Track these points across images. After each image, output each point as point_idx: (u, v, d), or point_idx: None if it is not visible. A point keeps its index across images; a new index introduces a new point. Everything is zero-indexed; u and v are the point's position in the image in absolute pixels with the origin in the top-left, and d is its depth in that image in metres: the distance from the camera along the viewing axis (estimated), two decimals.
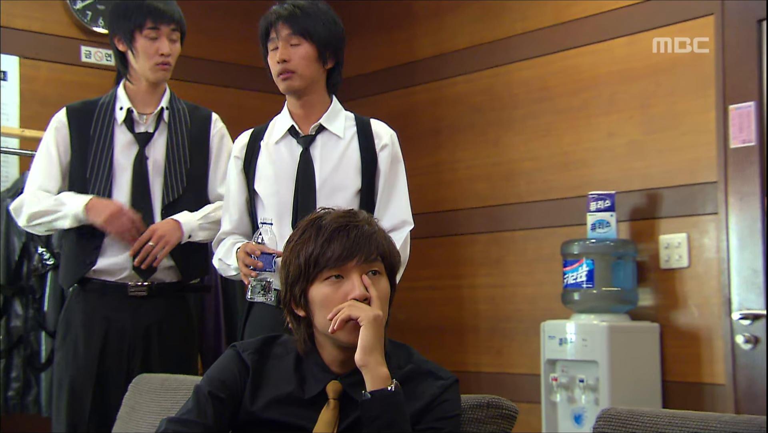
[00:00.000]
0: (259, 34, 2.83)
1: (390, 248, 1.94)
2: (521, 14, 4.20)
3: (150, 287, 2.96)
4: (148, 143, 3.01)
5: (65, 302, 3.23)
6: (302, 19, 2.76)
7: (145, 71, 2.99)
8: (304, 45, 2.75)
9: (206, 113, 3.15)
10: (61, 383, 2.95)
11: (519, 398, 3.66)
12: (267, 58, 2.81)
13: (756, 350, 3.40)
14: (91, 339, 2.92)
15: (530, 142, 4.16)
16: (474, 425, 1.93)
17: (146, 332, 2.95)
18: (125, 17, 2.98)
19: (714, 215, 3.56)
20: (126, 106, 3.01)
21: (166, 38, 2.97)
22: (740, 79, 3.51)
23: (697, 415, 1.68)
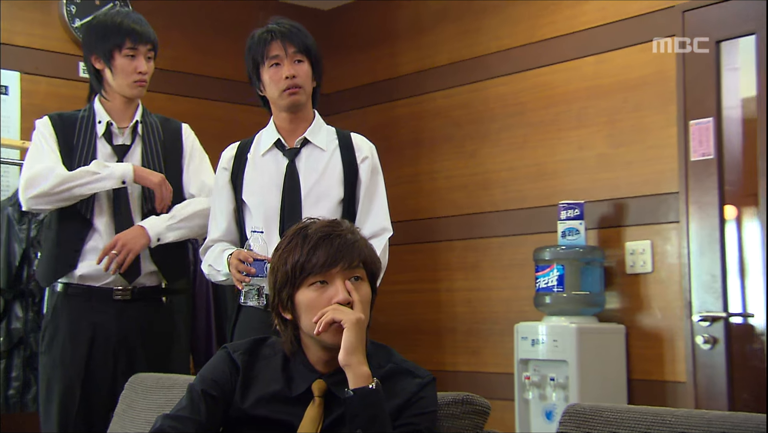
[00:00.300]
0: (253, 50, 2.80)
1: (371, 256, 1.94)
2: (497, 34, 4.21)
3: (133, 291, 2.94)
4: (126, 155, 2.99)
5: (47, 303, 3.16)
6: (304, 37, 2.78)
7: (123, 88, 2.97)
8: (306, 62, 2.76)
9: (177, 125, 3.14)
10: (50, 386, 2.92)
11: (493, 395, 3.65)
12: (262, 72, 2.78)
13: (714, 350, 3.42)
14: (79, 343, 2.89)
15: (505, 154, 4.16)
16: (450, 420, 1.93)
17: (131, 334, 2.92)
18: (104, 38, 2.96)
19: (676, 224, 3.58)
20: (105, 119, 2.98)
21: (143, 57, 2.96)
22: (700, 97, 3.53)
23: (653, 410, 1.69)
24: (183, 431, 1.86)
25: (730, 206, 3.55)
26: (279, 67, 2.74)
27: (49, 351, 2.95)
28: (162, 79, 4.42)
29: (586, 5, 3.90)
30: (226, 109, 4.53)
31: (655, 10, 3.67)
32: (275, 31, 2.76)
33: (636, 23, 3.73)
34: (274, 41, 2.74)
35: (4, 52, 4.01)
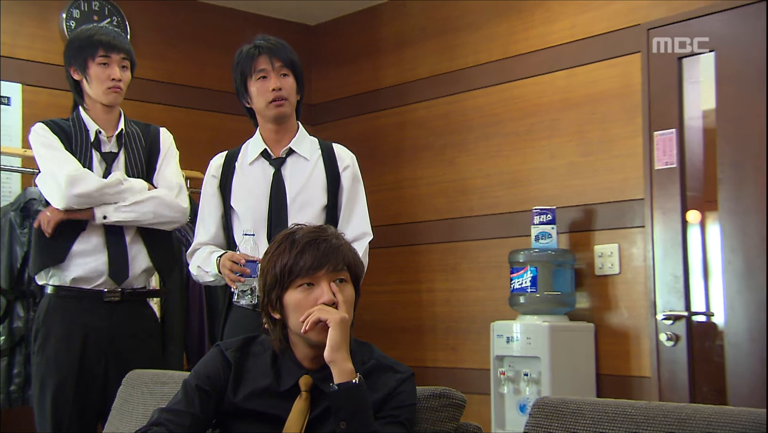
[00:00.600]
0: (241, 64, 2.80)
1: (355, 259, 1.95)
2: (474, 49, 4.22)
3: (123, 293, 2.93)
4: (114, 163, 2.98)
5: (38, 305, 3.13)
6: (289, 53, 2.79)
7: (98, 95, 2.95)
8: (291, 76, 2.77)
9: (156, 130, 3.12)
10: (44, 385, 2.89)
11: (471, 390, 3.71)
12: (249, 85, 2.78)
13: (677, 347, 3.45)
14: (71, 343, 2.87)
15: (482, 162, 4.17)
16: (428, 412, 1.94)
17: (121, 333, 2.91)
18: (79, 49, 2.96)
19: (641, 228, 3.59)
20: (94, 128, 2.97)
21: (116, 65, 2.94)
22: (663, 109, 3.55)
23: (614, 402, 1.71)
24: (178, 423, 1.86)
25: (691, 212, 3.57)
26: (266, 80, 2.74)
27: (42, 351, 2.92)
28: (157, 91, 4.46)
29: (557, 23, 3.92)
30: (217, 119, 4.51)
31: (621, 28, 3.70)
32: (262, 46, 2.77)
33: (603, 40, 3.75)
34: (262, 56, 2.75)
35: (6, 64, 4.01)
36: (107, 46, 2.94)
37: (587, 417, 1.70)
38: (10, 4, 4.05)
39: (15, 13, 4.07)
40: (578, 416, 1.71)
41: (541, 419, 1.77)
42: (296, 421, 1.86)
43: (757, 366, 3.26)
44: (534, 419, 1.79)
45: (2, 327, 3.65)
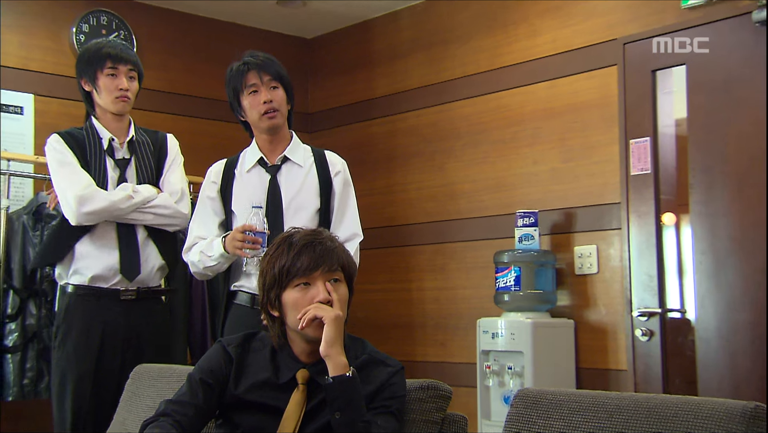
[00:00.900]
0: (232, 80, 2.80)
1: (348, 260, 1.97)
2: (461, 61, 4.23)
3: (138, 292, 2.95)
4: (126, 168, 3.00)
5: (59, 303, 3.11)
6: (277, 67, 2.80)
7: (108, 104, 2.97)
8: (280, 89, 2.78)
9: (163, 136, 3.13)
10: (64, 378, 2.91)
11: (458, 383, 3.68)
12: (241, 99, 2.79)
13: (651, 342, 3.46)
14: (90, 339, 2.90)
15: (469, 168, 4.17)
16: (417, 403, 1.96)
17: (136, 329, 2.94)
18: (89, 62, 2.98)
19: (618, 230, 3.60)
20: (107, 137, 2.99)
21: (124, 76, 2.96)
22: (638, 118, 3.56)
23: (589, 393, 1.74)
24: (184, 413, 1.88)
25: (667, 214, 3.58)
26: (257, 94, 2.75)
27: (62, 347, 2.94)
28: (161, 100, 4.46)
29: (539, 37, 3.93)
30: (218, 126, 4.48)
31: (599, 42, 3.71)
32: (251, 62, 2.77)
33: (583, 54, 3.76)
34: (251, 71, 2.76)
35: (20, 76, 4.01)
36: (115, 58, 2.96)
37: (564, 407, 1.72)
38: (23, 19, 4.06)
39: (28, 27, 4.08)
40: (556, 406, 1.74)
41: (522, 409, 1.80)
42: (294, 411, 1.87)
43: (725, 360, 3.28)
44: (515, 409, 1.82)
45: (15, 324, 3.65)
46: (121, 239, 2.94)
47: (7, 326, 3.65)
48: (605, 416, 1.65)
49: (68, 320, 2.95)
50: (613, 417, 1.64)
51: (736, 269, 3.28)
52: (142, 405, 2.45)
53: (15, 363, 3.63)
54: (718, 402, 1.54)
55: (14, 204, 3.81)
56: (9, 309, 3.66)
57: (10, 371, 3.63)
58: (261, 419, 1.91)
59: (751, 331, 3.22)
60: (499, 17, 4.09)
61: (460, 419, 2.00)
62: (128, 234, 2.95)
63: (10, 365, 3.63)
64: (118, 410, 2.58)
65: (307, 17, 4.68)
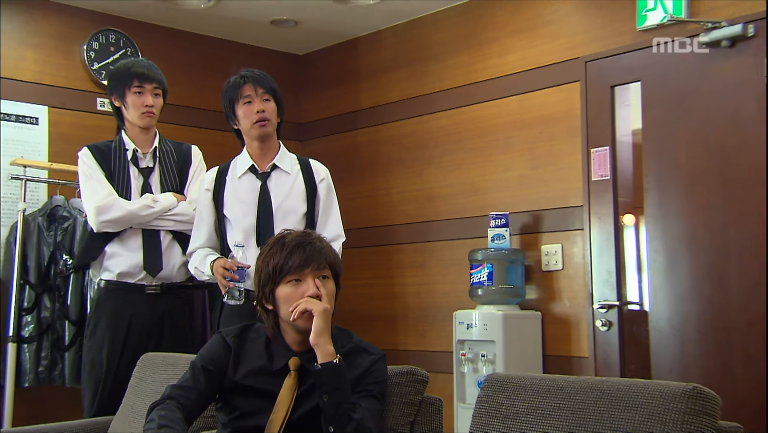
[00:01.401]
0: (229, 92, 2.82)
1: (335, 259, 2.00)
2: (439, 77, 4.24)
3: (161, 287, 2.97)
4: (150, 176, 3.04)
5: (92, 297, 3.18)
6: (270, 81, 2.82)
7: (135, 119, 3.00)
8: (272, 101, 2.81)
9: (187, 147, 3.16)
10: (93, 363, 2.94)
11: (436, 369, 3.77)
12: (236, 109, 2.80)
13: (610, 331, 3.48)
14: (119, 329, 2.93)
15: (446, 174, 4.17)
16: (397, 387, 2.01)
17: (159, 320, 2.97)
18: (118, 80, 3.01)
19: (580, 231, 3.61)
20: (132, 148, 3.02)
21: (149, 93, 3.00)
22: (599, 130, 3.58)
23: (551, 377, 1.78)
24: (187, 397, 1.91)
25: (625, 216, 3.60)
26: (251, 105, 2.78)
27: (93, 336, 2.97)
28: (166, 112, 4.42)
29: (510, 55, 3.94)
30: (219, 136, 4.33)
31: (564, 61, 3.72)
32: (247, 76, 2.80)
33: (549, 70, 3.78)
34: (246, 84, 2.79)
35: (35, 90, 4.01)
36: (141, 77, 2.99)
37: (527, 389, 1.77)
38: (38, 38, 4.06)
39: (42, 45, 4.07)
40: (520, 388, 1.78)
41: (491, 392, 1.84)
42: (287, 395, 1.90)
43: (675, 347, 3.30)
44: (485, 391, 1.86)
45: (31, 317, 3.67)
46: (145, 240, 2.97)
47: (24, 318, 3.66)
48: (564, 397, 1.69)
49: (99, 311, 2.98)
50: (571, 398, 1.68)
51: (686, 265, 3.30)
52: (148, 390, 2.49)
53: (31, 352, 3.65)
54: (661, 384, 1.58)
55: (30, 207, 3.82)
56: (25, 303, 3.67)
57: (26, 360, 3.64)
58: (257, 402, 1.93)
59: (699, 321, 3.25)
60: (473, 37, 4.11)
61: (436, 402, 2.04)
62: (152, 236, 2.97)
63: (27, 354, 3.65)
64: (127, 394, 2.61)
65: (298, 36, 4.68)
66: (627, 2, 3.51)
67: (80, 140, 3.90)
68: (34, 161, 3.87)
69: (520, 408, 1.73)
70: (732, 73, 3.21)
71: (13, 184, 3.84)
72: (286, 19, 4.41)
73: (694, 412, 1.49)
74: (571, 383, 1.72)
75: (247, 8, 4.25)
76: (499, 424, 1.73)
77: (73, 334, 3.68)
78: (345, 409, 1.85)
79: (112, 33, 4.27)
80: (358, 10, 4.25)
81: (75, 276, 3.70)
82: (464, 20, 4.15)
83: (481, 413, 1.79)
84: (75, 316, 3.67)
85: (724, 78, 3.23)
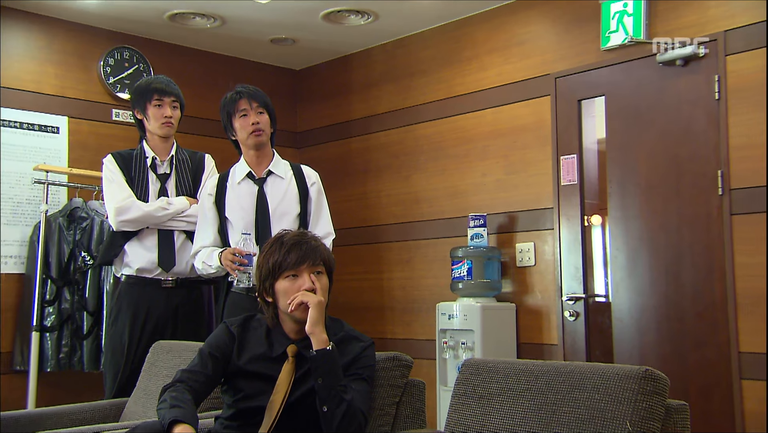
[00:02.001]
0: (227, 106, 2.83)
1: (329, 257, 2.01)
2: (424, 91, 4.25)
3: (176, 281, 2.98)
4: (166, 181, 3.04)
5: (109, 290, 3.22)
6: (263, 96, 2.84)
7: (155, 129, 3.02)
8: (265, 114, 2.82)
9: (201, 155, 3.16)
10: (114, 350, 2.96)
11: (421, 356, 3.79)
12: (233, 121, 2.81)
13: (577, 321, 3.51)
14: (137, 319, 2.94)
15: (430, 179, 4.17)
16: (385, 371, 2.03)
17: (174, 311, 2.98)
18: (140, 95, 3.03)
19: (551, 230, 3.63)
20: (151, 155, 3.04)
21: (168, 106, 3.02)
22: (567, 139, 3.60)
23: (521, 361, 1.82)
24: (196, 380, 1.93)
25: (594, 216, 3.64)
26: (246, 117, 2.79)
27: (114, 325, 2.98)
28: None
29: (487, 72, 3.95)
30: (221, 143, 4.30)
31: (536, 77, 3.74)
32: (243, 91, 2.82)
33: (523, 85, 3.80)
34: (242, 99, 2.80)
35: (56, 101, 4.01)
36: (161, 92, 3.01)
37: (500, 372, 1.80)
38: (59, 55, 4.06)
39: (63, 62, 4.08)
40: (494, 372, 1.81)
41: (467, 375, 1.87)
42: (285, 379, 1.92)
43: (635, 335, 3.32)
44: (462, 375, 1.89)
45: (53, 308, 3.68)
46: (160, 239, 2.98)
47: (46, 309, 3.67)
48: (532, 379, 1.72)
49: (119, 303, 3.00)
50: (539, 380, 1.71)
51: (644, 262, 3.32)
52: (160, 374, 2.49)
53: (53, 340, 3.66)
54: (618, 367, 1.61)
55: (51, 208, 3.82)
56: (47, 296, 3.67)
57: (48, 347, 3.66)
58: (259, 385, 1.94)
59: (656, 312, 3.27)
60: (454, 55, 4.12)
61: (419, 384, 2.07)
62: (166, 235, 2.98)
63: (49, 342, 3.66)
64: (140, 378, 2.61)
65: (295, 52, 4.68)
66: (592, 25, 3.53)
67: (97, 147, 3.96)
68: (55, 167, 3.88)
69: (493, 389, 1.75)
70: (685, 89, 3.24)
71: (36, 187, 3.85)
72: (285, 37, 4.42)
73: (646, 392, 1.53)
74: (539, 366, 1.76)
75: (248, 28, 4.26)
76: (475, 403, 1.76)
77: (90, 324, 3.69)
78: (337, 391, 1.86)
79: (126, 50, 4.27)
80: (351, 30, 4.27)
81: (92, 271, 3.71)
82: (446, 40, 4.17)
83: (459, 393, 1.81)
84: (92, 307, 3.69)
85: (678, 93, 3.26)
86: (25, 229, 3.84)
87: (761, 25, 3.06)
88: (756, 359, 3.00)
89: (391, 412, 2.02)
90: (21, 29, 3.96)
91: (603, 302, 3.54)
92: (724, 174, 3.11)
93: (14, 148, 3.87)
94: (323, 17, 4.07)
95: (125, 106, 4.22)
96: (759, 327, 3.00)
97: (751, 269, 3.03)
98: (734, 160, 3.08)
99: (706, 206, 3.16)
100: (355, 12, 4.02)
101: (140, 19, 4.10)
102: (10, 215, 3.81)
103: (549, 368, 1.74)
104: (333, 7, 3.95)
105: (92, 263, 3.69)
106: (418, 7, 3.96)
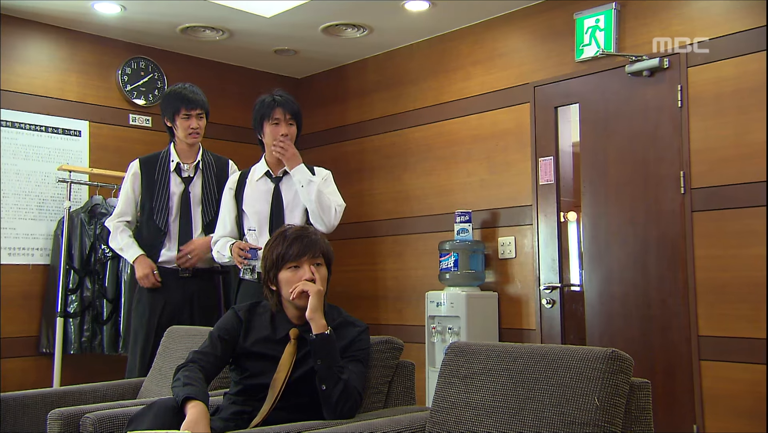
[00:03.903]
0: (262, 109, 2.77)
1: (328, 249, 2.00)
2: (414, 98, 4.25)
3: (192, 271, 2.99)
4: (190, 184, 3.02)
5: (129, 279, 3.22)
6: (296, 106, 2.80)
7: (182, 138, 3.00)
8: (294, 126, 2.79)
9: (225, 160, 3.13)
10: (136, 335, 2.98)
11: (411, 340, 3.81)
12: (264, 125, 2.77)
13: (553, 308, 3.52)
14: (156, 305, 2.96)
15: (420, 179, 4.18)
16: (378, 354, 2.02)
17: (190, 298, 2.99)
18: (169, 105, 3.01)
19: (530, 225, 3.65)
20: (176, 160, 3.02)
21: (194, 117, 2.99)
22: (545, 142, 3.61)
23: (501, 344, 1.80)
24: (207, 360, 1.93)
25: (570, 213, 3.64)
26: (278, 126, 2.76)
27: (136, 311, 3.00)
28: None
29: (471, 81, 3.96)
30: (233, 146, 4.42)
31: (516, 85, 3.75)
32: (279, 100, 2.77)
33: (504, 93, 3.81)
34: (278, 107, 2.76)
35: (78, 107, 4.01)
36: (188, 103, 2.98)
37: (482, 354, 1.78)
38: (81, 65, 4.06)
39: (84, 71, 4.08)
40: (476, 354, 1.80)
41: (452, 357, 1.85)
42: (287, 359, 1.92)
43: (605, 320, 3.34)
44: (448, 357, 1.87)
45: (75, 296, 3.69)
46: (180, 237, 2.99)
47: (69, 297, 3.68)
48: (511, 360, 1.71)
49: (141, 292, 3.01)
50: (517, 361, 1.70)
51: (612, 254, 3.34)
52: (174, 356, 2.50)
53: (75, 325, 3.67)
54: (587, 349, 1.62)
55: (74, 205, 3.83)
56: (71, 285, 3.69)
57: (71, 331, 3.67)
58: (263, 364, 1.94)
59: (624, 299, 3.29)
60: (441, 66, 4.12)
61: (409, 365, 2.08)
62: (185, 232, 2.99)
63: (72, 327, 3.67)
64: (156, 359, 2.61)
65: (297, 62, 4.68)
66: (567, 39, 3.55)
67: (115, 149, 3.98)
68: (77, 167, 3.88)
69: (475, 369, 1.75)
70: (651, 97, 3.26)
71: (60, 186, 3.85)
72: (287, 49, 4.43)
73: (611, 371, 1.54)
74: (517, 349, 1.76)
75: (254, 40, 4.26)
76: (459, 382, 1.76)
77: (110, 310, 3.70)
78: (335, 371, 1.87)
79: (142, 60, 4.27)
80: (347, 42, 4.27)
81: (111, 262, 3.71)
82: (434, 52, 4.17)
83: (445, 373, 1.81)
84: (111, 295, 3.70)
85: (645, 101, 3.28)
86: (50, 224, 3.85)
87: (719, 40, 3.08)
88: (714, 342, 3.03)
89: (384, 390, 2.03)
90: (47, 41, 3.96)
91: (577, 291, 3.56)
92: (685, 175, 3.13)
93: (40, 150, 3.88)
94: (322, 30, 4.08)
95: (141, 111, 4.24)
96: (717, 313, 3.03)
97: (710, 261, 3.05)
98: (695, 162, 3.11)
99: (670, 204, 3.18)
100: (351, 26, 4.03)
101: (155, 32, 4.11)
102: (36, 211, 3.82)
103: (526, 350, 1.74)
104: (331, 21, 3.96)
105: (111, 255, 3.69)
106: (409, 22, 3.97)
